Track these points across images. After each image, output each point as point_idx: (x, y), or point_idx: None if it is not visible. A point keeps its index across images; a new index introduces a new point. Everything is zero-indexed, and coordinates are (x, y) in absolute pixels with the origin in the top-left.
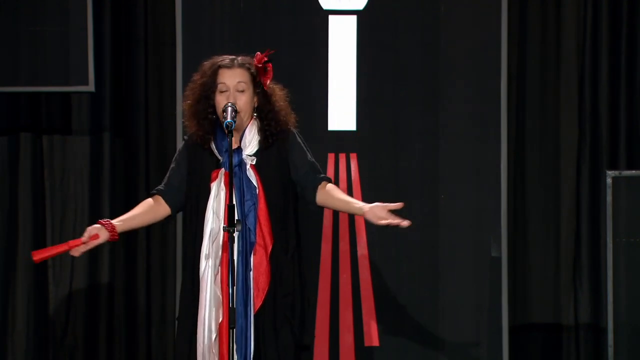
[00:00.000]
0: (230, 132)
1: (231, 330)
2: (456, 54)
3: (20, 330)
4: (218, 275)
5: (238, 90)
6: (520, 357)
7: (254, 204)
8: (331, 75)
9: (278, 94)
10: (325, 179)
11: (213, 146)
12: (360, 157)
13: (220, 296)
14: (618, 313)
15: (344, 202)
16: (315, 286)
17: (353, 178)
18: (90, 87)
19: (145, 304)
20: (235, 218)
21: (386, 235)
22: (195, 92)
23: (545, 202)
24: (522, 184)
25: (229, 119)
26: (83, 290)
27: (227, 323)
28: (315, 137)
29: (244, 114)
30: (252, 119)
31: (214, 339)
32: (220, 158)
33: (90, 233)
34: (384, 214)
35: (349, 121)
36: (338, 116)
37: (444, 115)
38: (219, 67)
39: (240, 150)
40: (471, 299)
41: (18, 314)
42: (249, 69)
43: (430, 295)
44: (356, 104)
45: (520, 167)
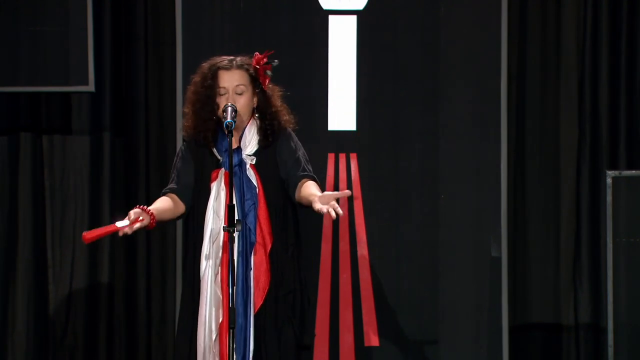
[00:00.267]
0: (230, 132)
1: (231, 330)
2: (456, 54)
3: (20, 330)
4: (218, 275)
5: (237, 92)
6: (520, 357)
7: (254, 203)
8: (331, 75)
9: (277, 94)
10: (307, 176)
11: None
12: (360, 157)
13: (220, 296)
14: (618, 313)
15: (307, 197)
16: (315, 286)
17: (353, 178)
18: (90, 87)
19: (145, 304)
20: (236, 218)
21: (386, 235)
22: (195, 94)
23: (545, 202)
24: (522, 184)
25: (229, 119)
26: (83, 290)
27: (227, 323)
28: (315, 137)
29: (243, 114)
30: (252, 118)
31: (214, 338)
32: (220, 158)
33: (136, 215)
34: (326, 201)
35: (349, 121)
36: (338, 116)
37: (444, 115)
38: (218, 69)
39: (240, 150)
40: (471, 299)
41: (18, 314)
42: (247, 70)
43: (430, 295)
44: (356, 104)
45: (520, 167)
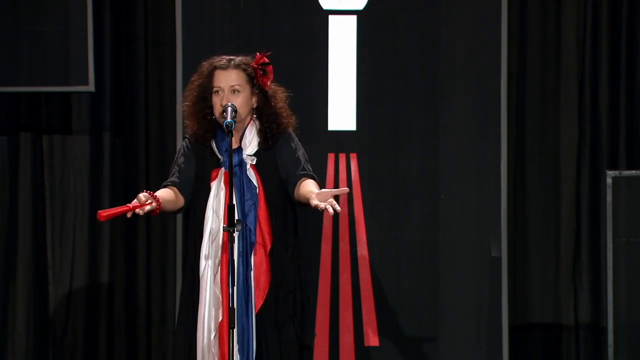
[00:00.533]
0: (230, 132)
1: (231, 330)
2: (456, 54)
3: (20, 330)
4: (217, 275)
5: (232, 91)
6: (520, 357)
7: (254, 203)
8: (331, 75)
9: (280, 95)
10: (306, 175)
11: (214, 145)
12: (360, 157)
13: (219, 296)
14: (618, 313)
15: (305, 194)
16: (315, 286)
17: (353, 178)
18: (90, 87)
19: (145, 304)
20: (235, 218)
21: (386, 235)
22: (193, 93)
23: (545, 202)
24: (522, 184)
25: (229, 119)
26: (83, 290)
27: (227, 323)
28: (315, 137)
29: (241, 114)
30: (252, 119)
31: (213, 338)
32: (221, 157)
33: (145, 198)
34: (324, 198)
35: (349, 121)
36: (338, 116)
37: (444, 115)
38: (215, 69)
39: (240, 150)
40: (471, 299)
41: (18, 314)
42: (245, 70)
43: (430, 295)
44: (356, 104)
45: (520, 167)
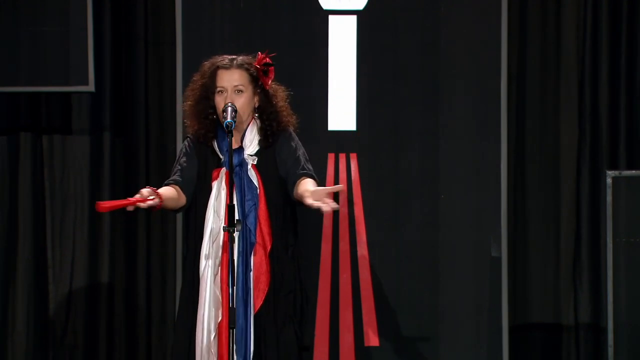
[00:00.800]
0: (230, 132)
1: (231, 331)
2: (456, 54)
3: (20, 330)
4: (218, 275)
5: (235, 91)
6: (520, 357)
7: (255, 204)
8: (331, 75)
9: (280, 94)
10: (305, 174)
11: (215, 145)
12: (360, 157)
13: (219, 296)
14: (618, 313)
15: (302, 193)
16: (315, 286)
17: (353, 178)
18: (90, 87)
19: (145, 304)
20: (236, 218)
21: (386, 235)
22: (195, 93)
23: (545, 202)
24: (522, 184)
25: (229, 119)
26: (83, 290)
27: (227, 323)
28: (315, 137)
29: (243, 114)
30: (253, 119)
31: (213, 338)
32: (222, 157)
33: (148, 193)
34: (319, 197)
35: (349, 121)
36: (338, 116)
37: (444, 115)
38: (217, 68)
39: (241, 150)
40: (471, 299)
41: (18, 314)
42: (247, 70)
43: (430, 295)
44: (356, 104)
45: (520, 167)
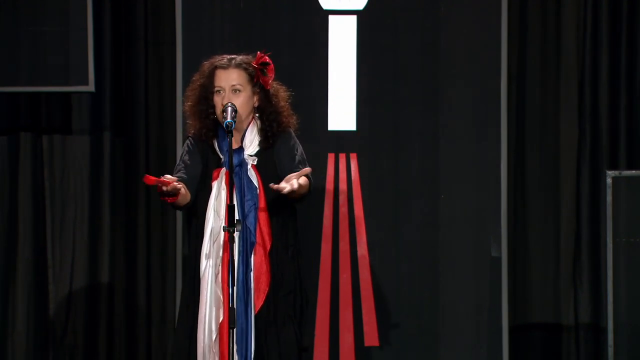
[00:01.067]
0: (230, 132)
1: (231, 330)
2: (456, 54)
3: (20, 330)
4: (219, 275)
5: (233, 91)
6: (520, 357)
7: (255, 204)
8: (331, 75)
9: (282, 95)
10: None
11: (215, 144)
12: (360, 157)
13: (220, 296)
14: (618, 313)
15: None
16: (315, 286)
17: (353, 178)
18: (90, 87)
19: (145, 304)
20: (235, 218)
21: (386, 235)
22: (194, 93)
23: (545, 202)
24: (522, 184)
25: (229, 119)
26: (83, 290)
27: (228, 323)
28: (315, 137)
29: (242, 113)
30: (253, 119)
31: (214, 338)
32: (222, 157)
33: (177, 187)
34: (287, 179)
35: (349, 121)
36: (338, 116)
37: (444, 115)
38: (216, 68)
39: (241, 150)
40: (471, 299)
41: (18, 314)
42: (246, 69)
43: (430, 295)
44: (356, 104)
45: (520, 167)
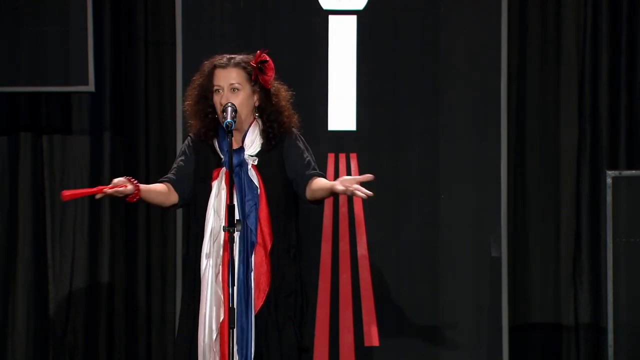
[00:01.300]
0: (230, 132)
1: (231, 330)
2: (456, 54)
3: (20, 330)
4: (219, 274)
5: (231, 90)
6: (520, 357)
7: (256, 204)
8: (331, 75)
9: (283, 94)
10: (316, 175)
11: (216, 144)
12: (360, 157)
13: (221, 295)
14: (618, 313)
15: (322, 188)
16: (315, 286)
17: None
18: (90, 87)
19: (145, 304)
20: (235, 218)
21: (386, 235)
22: (194, 93)
23: (545, 202)
24: (522, 184)
25: (229, 119)
26: (83, 290)
27: (228, 323)
28: (315, 137)
29: (241, 113)
30: (254, 119)
31: (215, 338)
32: (222, 157)
33: (119, 182)
34: (349, 183)
35: (349, 121)
36: (338, 116)
37: (444, 115)
38: (215, 68)
39: (242, 150)
40: (471, 299)
41: (18, 314)
42: (245, 68)
43: (430, 295)
44: (356, 104)
45: (520, 167)
